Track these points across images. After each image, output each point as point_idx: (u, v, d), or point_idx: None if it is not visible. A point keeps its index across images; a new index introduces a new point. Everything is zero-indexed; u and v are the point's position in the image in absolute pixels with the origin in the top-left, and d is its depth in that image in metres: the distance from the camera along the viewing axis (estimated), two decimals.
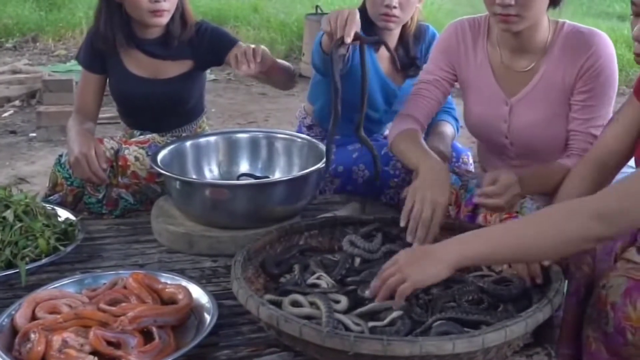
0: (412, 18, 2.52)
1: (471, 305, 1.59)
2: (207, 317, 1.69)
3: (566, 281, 1.71)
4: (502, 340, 1.42)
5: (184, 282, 1.83)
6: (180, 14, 2.48)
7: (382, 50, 2.57)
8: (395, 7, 2.39)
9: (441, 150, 2.38)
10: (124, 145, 2.43)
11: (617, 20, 9.03)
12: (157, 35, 2.50)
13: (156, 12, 2.38)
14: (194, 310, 1.73)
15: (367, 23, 2.48)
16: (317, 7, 6.69)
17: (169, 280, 1.84)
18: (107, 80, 2.61)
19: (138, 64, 2.53)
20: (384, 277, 1.54)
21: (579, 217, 1.44)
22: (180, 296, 1.73)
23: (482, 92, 2.14)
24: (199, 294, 1.78)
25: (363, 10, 2.48)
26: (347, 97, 2.55)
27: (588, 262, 1.74)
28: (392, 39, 2.55)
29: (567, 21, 2.06)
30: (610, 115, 2.04)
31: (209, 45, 2.51)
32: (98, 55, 2.54)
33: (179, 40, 2.49)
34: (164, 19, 2.41)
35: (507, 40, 2.06)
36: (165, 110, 2.58)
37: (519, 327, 1.44)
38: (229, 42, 2.49)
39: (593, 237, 1.46)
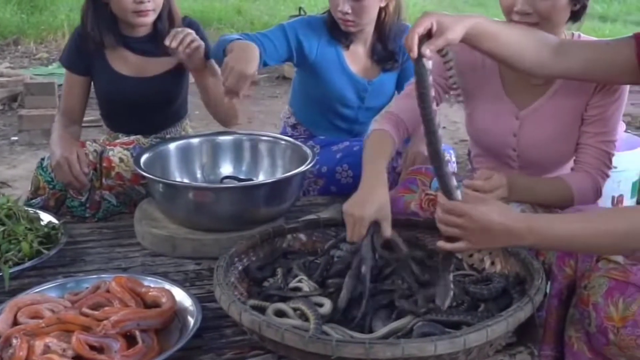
0: (387, 13, 2.54)
1: (451, 308, 1.59)
2: (191, 320, 1.69)
3: (548, 282, 1.73)
4: (484, 340, 1.42)
5: (167, 285, 1.82)
6: (168, 11, 2.50)
7: (353, 46, 2.60)
8: (348, 13, 2.43)
9: (426, 156, 2.38)
10: (108, 147, 2.42)
11: (598, 21, 9.10)
12: (145, 34, 2.52)
13: (140, 12, 2.39)
14: (177, 313, 1.73)
15: (335, 25, 2.50)
16: (300, 8, 6.70)
17: (152, 284, 1.84)
18: (92, 82, 2.60)
19: (124, 63, 2.53)
20: (446, 220, 1.54)
21: None
22: (163, 299, 1.73)
23: (489, 103, 2.08)
24: (182, 297, 1.77)
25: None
26: (318, 92, 2.57)
27: (570, 264, 1.75)
28: (367, 35, 2.59)
29: (582, 34, 2.01)
30: (618, 131, 2.03)
31: None
32: (83, 56, 2.53)
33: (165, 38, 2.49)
34: (149, 19, 2.43)
35: None
36: (151, 109, 2.57)
37: (500, 327, 1.45)
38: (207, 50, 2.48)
39: None
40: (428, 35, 1.62)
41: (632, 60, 1.74)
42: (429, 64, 1.57)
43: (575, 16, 1.93)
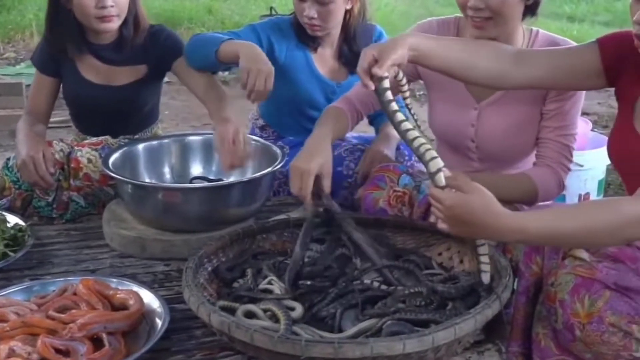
0: (351, 15, 2.55)
1: (420, 307, 1.60)
2: (159, 322, 1.67)
3: (516, 279, 1.74)
4: (452, 338, 1.43)
5: (135, 287, 1.81)
6: (134, 17, 2.44)
7: (321, 49, 2.61)
8: (314, 18, 2.44)
9: (385, 155, 2.39)
10: (76, 147, 2.39)
11: (566, 21, 9.20)
12: (109, 41, 2.46)
13: (104, 18, 2.33)
14: (145, 315, 1.71)
15: (302, 29, 2.50)
16: (271, 8, 6.69)
17: (120, 286, 1.82)
18: (61, 84, 2.56)
19: (92, 70, 2.49)
20: (438, 197, 1.55)
21: (628, 222, 1.47)
22: (131, 302, 1.71)
23: (449, 94, 2.12)
24: (150, 298, 1.76)
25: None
26: (287, 95, 2.57)
27: (537, 261, 1.77)
28: (334, 37, 2.60)
29: (541, 30, 2.06)
30: (578, 125, 2.06)
31: (161, 51, 2.48)
32: (53, 59, 2.49)
33: (131, 45, 2.46)
34: (113, 25, 2.37)
35: None
36: (119, 116, 2.55)
37: (468, 324, 1.46)
38: (178, 50, 2.46)
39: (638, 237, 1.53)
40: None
41: (596, 65, 1.78)
42: (385, 83, 1.65)
43: (531, 10, 1.96)
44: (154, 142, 2.52)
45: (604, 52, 1.76)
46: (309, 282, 1.74)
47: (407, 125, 1.60)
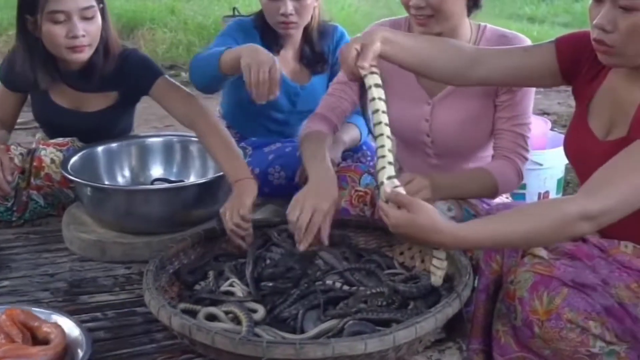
0: (313, 15, 2.55)
1: (381, 307, 1.61)
2: (80, 353, 1.58)
3: (476, 278, 1.76)
4: (413, 337, 1.44)
5: (61, 319, 1.69)
6: (104, 45, 2.33)
7: (284, 51, 2.59)
8: (291, 14, 2.41)
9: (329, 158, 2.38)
10: (40, 146, 2.36)
11: (527, 22, 9.31)
12: (79, 68, 2.35)
13: (75, 48, 2.23)
14: (68, 349, 1.60)
15: (268, 29, 2.49)
16: (234, 8, 6.64)
17: (49, 317, 1.70)
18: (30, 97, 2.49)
19: (62, 95, 2.42)
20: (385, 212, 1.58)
21: (569, 220, 1.51)
22: (52, 335, 1.61)
23: (403, 91, 2.14)
24: (73, 330, 1.65)
25: (262, 17, 2.49)
26: (250, 98, 2.54)
27: (496, 259, 1.79)
28: (296, 39, 2.58)
29: (488, 25, 2.09)
30: (531, 114, 2.10)
31: (133, 77, 2.37)
32: (20, 79, 2.38)
33: (101, 73, 2.35)
34: (85, 55, 2.26)
35: None
36: (91, 139, 2.48)
37: (428, 323, 1.47)
38: (153, 74, 2.36)
39: (581, 233, 1.57)
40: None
41: (553, 65, 1.80)
42: (376, 78, 1.66)
43: (475, 4, 1.99)
44: (114, 145, 2.49)
45: (560, 52, 1.79)
46: (271, 284, 1.73)
47: (382, 129, 1.61)
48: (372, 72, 1.66)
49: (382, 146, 1.60)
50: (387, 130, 1.62)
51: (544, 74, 1.82)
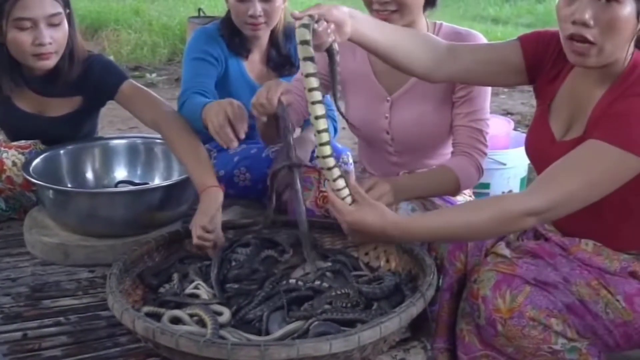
0: (279, 18, 2.54)
1: (346, 307, 1.61)
2: None
3: (440, 277, 1.77)
4: (378, 336, 1.44)
5: None
6: (70, 51, 2.29)
7: (252, 55, 2.58)
8: (260, 16, 2.40)
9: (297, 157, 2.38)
10: (2, 148, 2.33)
11: (491, 23, 9.42)
12: (43, 73, 2.31)
13: (41, 55, 2.19)
14: None
15: (234, 36, 2.48)
16: (199, 9, 6.61)
17: None
18: None
19: (25, 100, 2.38)
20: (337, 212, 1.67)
21: (514, 216, 1.55)
22: None
23: (362, 88, 2.16)
24: None
25: (228, 23, 2.48)
26: None
27: (460, 258, 1.81)
28: (262, 42, 2.57)
29: (444, 23, 2.12)
30: (489, 110, 2.12)
31: (98, 82, 2.35)
32: None
33: (65, 79, 2.31)
34: (51, 62, 2.23)
35: None
36: (53, 143, 2.44)
37: (393, 323, 1.47)
38: (117, 79, 2.33)
39: (528, 227, 1.64)
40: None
41: (519, 62, 1.81)
42: (306, 34, 1.56)
43: (430, 2, 2.01)
44: (77, 147, 2.47)
45: (525, 50, 1.80)
46: (236, 286, 1.73)
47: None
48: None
49: (326, 143, 1.62)
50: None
51: (510, 70, 1.83)
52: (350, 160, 2.59)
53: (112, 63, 2.45)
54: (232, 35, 2.50)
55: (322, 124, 1.61)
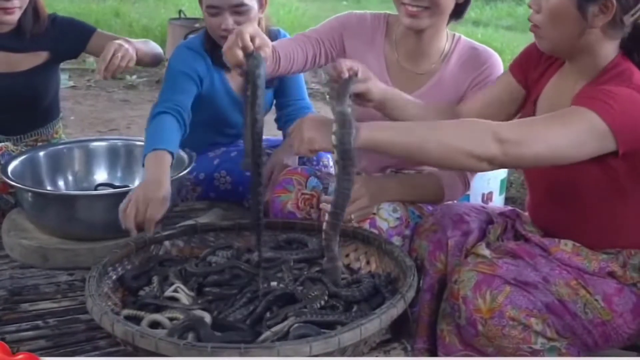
0: (260, 24, 2.50)
1: (326, 309, 1.61)
2: None
3: (421, 277, 1.78)
4: (358, 338, 1.44)
5: None
6: (33, 7, 2.43)
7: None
8: (233, 29, 2.37)
9: (285, 164, 2.34)
10: None
11: (472, 26, 9.47)
12: (8, 30, 2.43)
13: (6, 10, 2.32)
14: None
15: (216, 44, 2.44)
16: (180, 11, 6.60)
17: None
18: None
19: None
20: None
21: (483, 135, 1.52)
22: None
23: None
24: None
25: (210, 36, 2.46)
26: (204, 119, 2.47)
27: (441, 259, 1.82)
28: None
29: (462, 36, 2.11)
30: None
31: (64, 36, 2.50)
32: None
33: (31, 34, 2.45)
34: (15, 17, 2.36)
35: (408, 42, 2.07)
36: (20, 106, 2.48)
37: (373, 325, 1.47)
38: (86, 32, 2.49)
39: (486, 157, 1.52)
40: None
41: (517, 89, 1.88)
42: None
43: (458, 12, 2.01)
44: (57, 149, 2.45)
45: (517, 76, 1.88)
46: (216, 290, 1.72)
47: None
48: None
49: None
50: None
51: (513, 99, 1.90)
52: (331, 163, 2.58)
53: (76, 19, 2.60)
54: (213, 48, 2.45)
55: None
